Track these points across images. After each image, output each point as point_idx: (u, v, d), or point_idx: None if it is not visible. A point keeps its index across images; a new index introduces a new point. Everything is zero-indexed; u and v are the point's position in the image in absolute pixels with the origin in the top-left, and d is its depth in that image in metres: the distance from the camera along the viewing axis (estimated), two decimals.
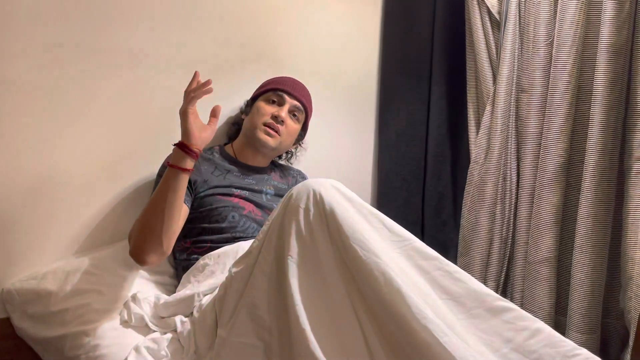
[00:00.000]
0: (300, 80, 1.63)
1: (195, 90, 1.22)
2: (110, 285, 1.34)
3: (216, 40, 1.66)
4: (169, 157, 1.42)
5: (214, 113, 1.30)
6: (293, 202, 1.10)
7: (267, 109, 1.53)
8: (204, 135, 1.27)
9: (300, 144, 1.70)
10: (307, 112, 1.61)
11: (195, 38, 1.61)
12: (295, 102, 1.56)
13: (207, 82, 1.22)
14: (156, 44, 1.52)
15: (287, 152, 1.68)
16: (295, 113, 1.57)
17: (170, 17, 1.55)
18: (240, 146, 1.57)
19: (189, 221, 1.42)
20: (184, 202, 1.37)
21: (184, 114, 1.24)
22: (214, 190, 1.43)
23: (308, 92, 1.64)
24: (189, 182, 1.39)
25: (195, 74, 1.26)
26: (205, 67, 1.61)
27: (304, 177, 1.72)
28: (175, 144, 1.25)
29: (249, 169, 1.55)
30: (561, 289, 1.77)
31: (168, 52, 1.55)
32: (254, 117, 1.54)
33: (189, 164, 1.24)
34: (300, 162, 1.76)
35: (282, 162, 1.71)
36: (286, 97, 1.55)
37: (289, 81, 1.60)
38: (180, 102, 1.25)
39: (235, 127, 1.65)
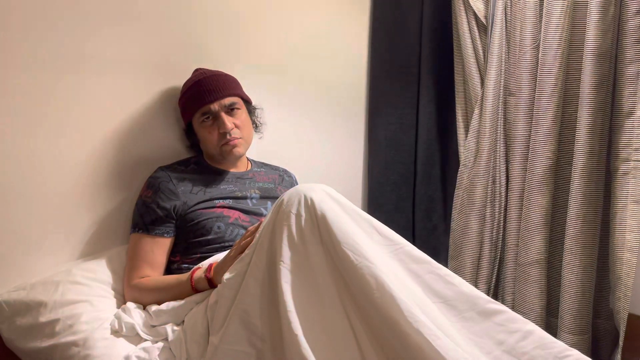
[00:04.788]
0: (290, 88, 1.61)
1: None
2: (100, 295, 1.33)
3: (205, 44, 1.66)
4: (147, 186, 1.43)
5: None
6: (284, 207, 1.10)
7: (212, 132, 1.46)
8: None
9: (255, 108, 1.62)
10: (238, 92, 1.51)
11: (184, 42, 1.61)
12: (224, 102, 1.46)
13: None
14: (124, 48, 1.50)
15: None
16: (231, 108, 1.48)
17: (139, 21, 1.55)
18: (211, 158, 1.55)
19: (175, 238, 1.43)
20: (167, 235, 1.40)
21: (233, 260, 1.19)
22: (195, 207, 1.41)
23: (223, 74, 1.52)
24: (168, 210, 1.39)
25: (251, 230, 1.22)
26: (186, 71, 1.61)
27: (290, 175, 1.71)
28: (208, 280, 1.24)
29: (229, 177, 1.53)
30: (552, 291, 1.78)
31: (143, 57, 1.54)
32: (207, 145, 1.49)
33: (206, 289, 1.25)
34: (292, 167, 1.76)
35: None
36: (212, 107, 1.45)
37: (201, 88, 1.46)
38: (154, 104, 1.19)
39: (195, 147, 1.58)
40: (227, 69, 1.57)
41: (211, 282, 1.23)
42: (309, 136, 1.97)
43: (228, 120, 1.46)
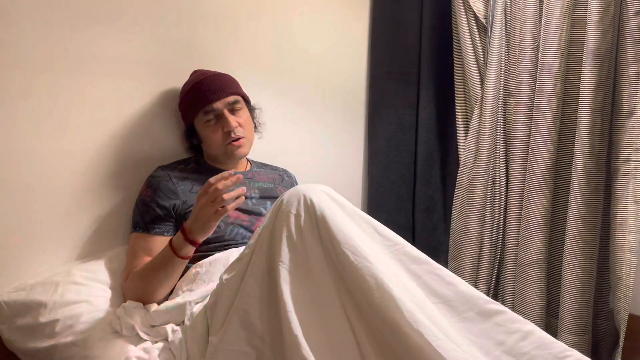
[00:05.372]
0: (290, 88, 1.61)
1: (231, 199, 1.18)
2: (99, 295, 1.33)
3: (206, 45, 1.66)
4: (147, 185, 1.43)
5: None
6: (284, 207, 1.10)
7: (216, 132, 1.46)
8: None
9: (254, 108, 1.63)
10: (239, 91, 1.52)
11: (181, 42, 1.61)
12: (227, 100, 1.47)
13: (241, 191, 1.18)
14: (125, 49, 1.49)
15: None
16: (234, 107, 1.49)
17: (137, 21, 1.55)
18: (212, 159, 1.55)
19: None
20: (167, 233, 1.40)
21: (212, 225, 1.22)
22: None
23: (223, 74, 1.52)
24: (168, 209, 1.39)
25: (231, 175, 1.18)
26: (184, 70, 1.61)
27: (290, 175, 1.72)
28: (189, 241, 1.24)
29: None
30: (552, 291, 1.78)
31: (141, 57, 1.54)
32: (211, 145, 1.49)
33: (191, 252, 1.27)
34: (292, 167, 1.76)
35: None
36: (216, 106, 1.45)
37: (204, 87, 1.46)
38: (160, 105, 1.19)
39: (194, 149, 1.58)
40: (227, 70, 1.57)
41: (191, 241, 1.24)
42: (308, 137, 1.97)
43: (232, 119, 1.46)
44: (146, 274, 1.31)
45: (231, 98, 1.48)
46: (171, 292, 1.39)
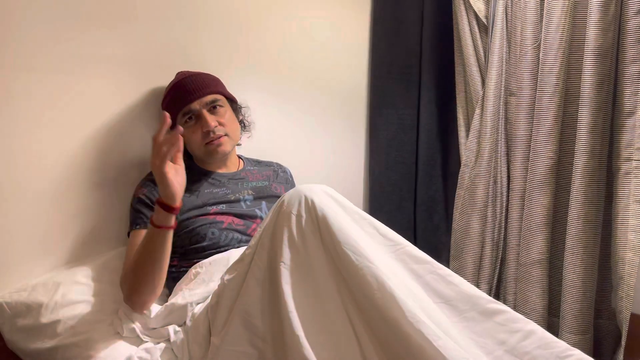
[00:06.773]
0: (291, 89, 1.60)
1: (166, 144, 1.15)
2: (101, 295, 1.33)
3: (204, 44, 1.66)
4: (141, 185, 1.42)
5: (175, 140, 1.16)
6: (285, 208, 1.10)
7: (196, 132, 1.45)
8: (182, 182, 1.21)
9: (241, 107, 1.61)
10: (219, 90, 1.50)
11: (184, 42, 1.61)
12: (205, 100, 1.45)
13: (177, 130, 1.15)
14: (111, 48, 1.47)
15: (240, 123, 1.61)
16: (214, 105, 1.47)
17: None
18: (201, 161, 1.53)
19: (173, 244, 1.41)
20: None
21: (162, 175, 1.16)
22: (188, 213, 1.40)
23: (203, 74, 1.50)
24: None
25: (165, 119, 1.16)
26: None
27: (285, 171, 1.71)
28: (159, 204, 1.18)
29: (222, 179, 1.52)
30: (553, 291, 1.78)
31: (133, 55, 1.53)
32: (192, 145, 1.48)
33: (174, 220, 1.22)
34: (293, 168, 1.76)
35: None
36: (193, 107, 1.44)
37: (182, 89, 1.45)
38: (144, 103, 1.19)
39: (184, 153, 1.56)
40: (225, 70, 1.57)
41: (161, 204, 1.18)
42: (310, 137, 1.97)
43: (211, 119, 1.44)
44: (135, 261, 1.25)
45: (209, 97, 1.46)
46: (171, 292, 1.39)
